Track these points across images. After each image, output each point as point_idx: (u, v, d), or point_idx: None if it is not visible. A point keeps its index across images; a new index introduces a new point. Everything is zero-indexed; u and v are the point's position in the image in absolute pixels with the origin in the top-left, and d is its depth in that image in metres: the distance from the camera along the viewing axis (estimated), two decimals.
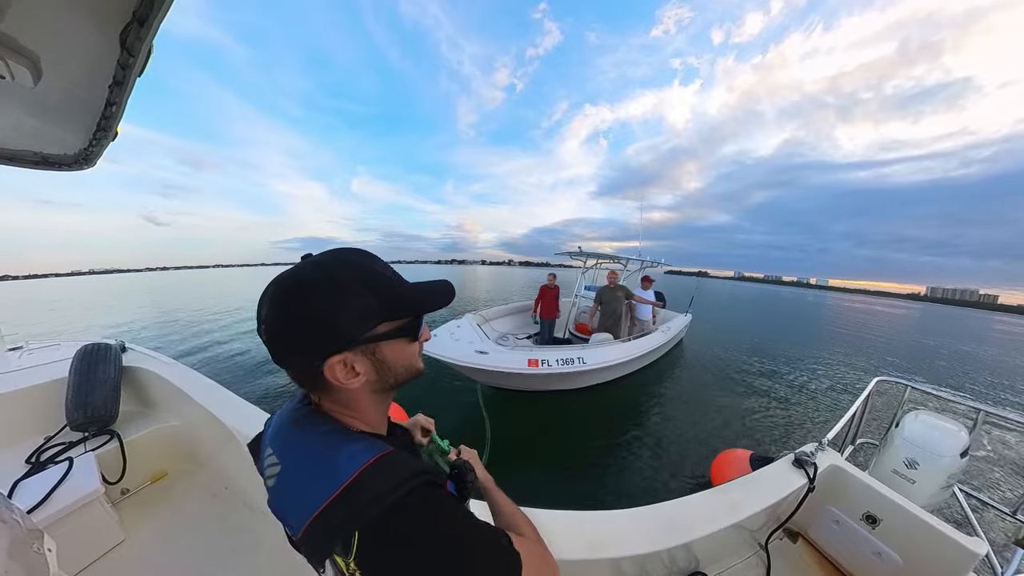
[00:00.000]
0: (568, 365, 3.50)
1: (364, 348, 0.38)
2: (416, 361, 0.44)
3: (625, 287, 4.78)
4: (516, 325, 6.34)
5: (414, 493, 0.33)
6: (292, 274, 0.37)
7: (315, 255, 0.39)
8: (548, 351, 3.62)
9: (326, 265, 0.37)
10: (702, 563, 1.14)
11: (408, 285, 0.42)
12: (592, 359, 3.70)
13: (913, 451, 1.50)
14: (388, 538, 0.30)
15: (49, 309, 16.15)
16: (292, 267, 0.38)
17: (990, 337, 17.46)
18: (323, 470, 0.35)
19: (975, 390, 6.99)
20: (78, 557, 1.14)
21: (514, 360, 3.37)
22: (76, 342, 1.99)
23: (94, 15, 0.45)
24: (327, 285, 0.36)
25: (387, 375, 0.41)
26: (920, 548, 1.08)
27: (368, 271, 0.39)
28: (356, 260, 0.39)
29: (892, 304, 71.47)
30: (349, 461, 0.34)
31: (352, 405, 0.41)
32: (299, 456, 0.38)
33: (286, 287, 0.36)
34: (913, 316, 30.05)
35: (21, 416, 1.57)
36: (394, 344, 0.41)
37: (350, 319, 0.36)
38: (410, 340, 0.43)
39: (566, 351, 3.66)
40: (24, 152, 0.92)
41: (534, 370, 3.33)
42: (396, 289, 0.40)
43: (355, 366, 0.38)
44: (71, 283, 66.89)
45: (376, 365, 0.39)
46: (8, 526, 0.65)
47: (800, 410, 4.66)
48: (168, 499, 1.48)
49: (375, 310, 0.37)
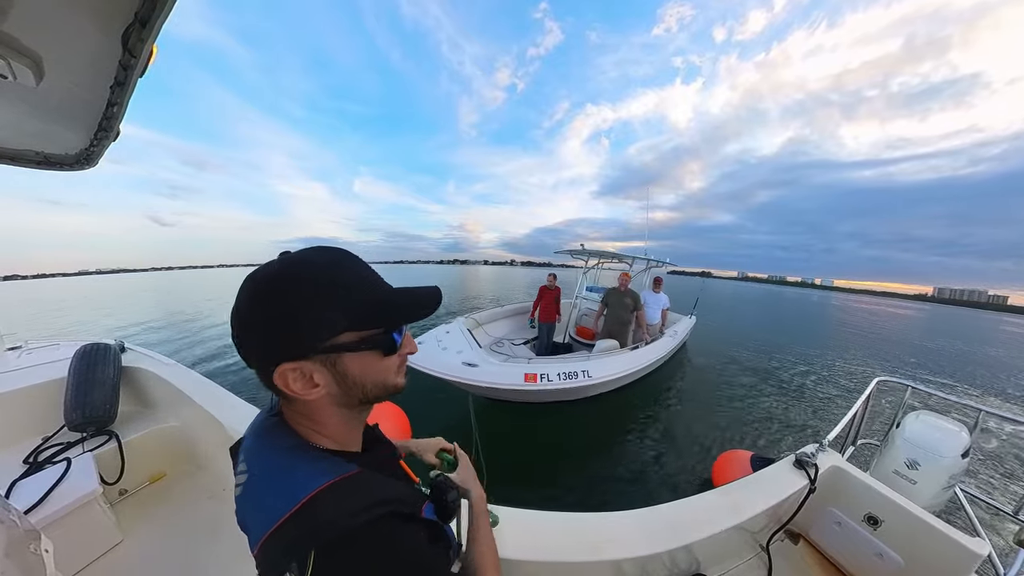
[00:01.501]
0: (571, 380, 3.06)
1: (323, 358, 0.34)
2: (391, 377, 0.40)
3: (635, 294, 4.24)
4: (513, 329, 5.86)
5: (371, 526, 0.31)
6: (258, 271, 0.34)
7: (292, 252, 0.36)
8: (548, 363, 3.21)
9: (293, 264, 0.34)
10: (703, 565, 1.14)
11: (385, 290, 0.38)
12: (598, 372, 3.26)
13: (914, 452, 1.49)
14: (337, 568, 0.29)
15: (57, 311, 15.70)
16: (265, 263, 0.35)
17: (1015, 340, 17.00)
18: (280, 488, 0.33)
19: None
20: (75, 558, 1.13)
21: (508, 374, 2.94)
22: (75, 342, 1.99)
23: (96, 16, 0.45)
24: (288, 285, 0.33)
25: (352, 390, 0.37)
26: (922, 549, 1.07)
27: (337, 273, 0.35)
28: (325, 260, 0.35)
29: (898, 305, 71.10)
30: (306, 480, 0.33)
31: (314, 418, 0.38)
32: (262, 469, 0.37)
33: (248, 284, 0.34)
34: (920, 317, 29.85)
35: (19, 416, 1.57)
36: (362, 357, 0.36)
37: (309, 325, 0.33)
38: (383, 353, 0.38)
39: (568, 363, 3.25)
40: (26, 152, 0.92)
41: (532, 386, 2.91)
42: (368, 295, 0.36)
43: (313, 376, 0.34)
44: (78, 282, 66.84)
45: (338, 378, 0.36)
46: (5, 526, 0.65)
47: (801, 411, 4.65)
48: (166, 500, 1.47)
49: (337, 317, 0.34)
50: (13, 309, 17.79)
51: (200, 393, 1.62)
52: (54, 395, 1.62)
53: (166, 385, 1.75)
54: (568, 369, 3.12)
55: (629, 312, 4.21)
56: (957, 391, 6.69)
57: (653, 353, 4.29)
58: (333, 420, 0.39)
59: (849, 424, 1.65)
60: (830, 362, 7.80)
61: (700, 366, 6.23)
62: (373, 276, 0.38)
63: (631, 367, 3.72)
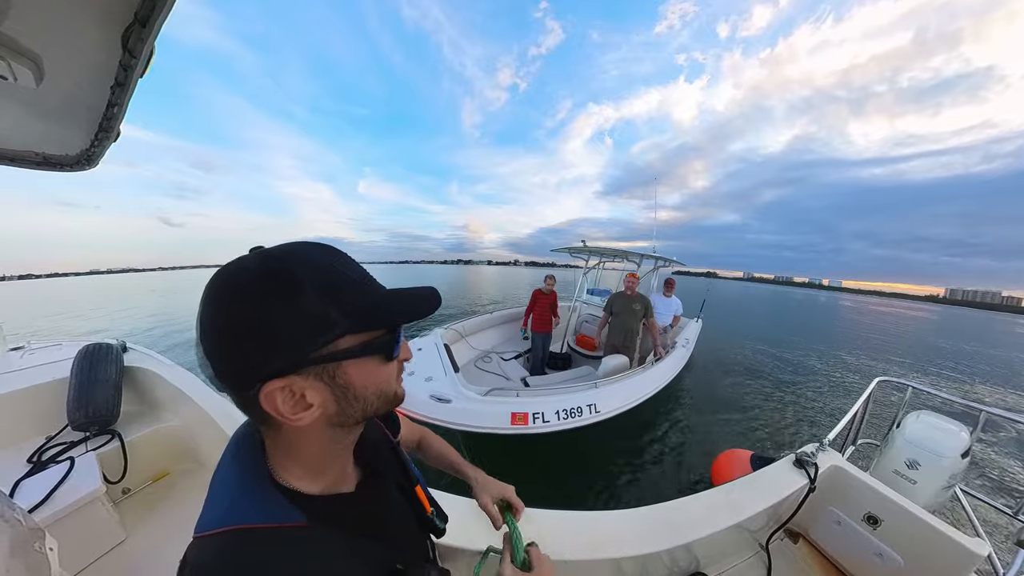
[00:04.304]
0: (574, 418, 2.44)
1: (318, 370, 0.29)
2: (392, 385, 0.35)
3: (646, 299, 3.55)
4: (504, 339, 5.09)
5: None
6: (229, 268, 0.28)
7: (267, 247, 0.31)
8: (543, 396, 2.57)
9: (273, 258, 0.28)
10: (703, 563, 1.14)
11: (381, 290, 0.34)
12: (607, 404, 2.64)
13: (914, 452, 1.49)
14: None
15: (79, 315, 15.20)
16: (235, 259, 0.29)
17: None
18: (212, 504, 0.31)
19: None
20: (79, 556, 1.14)
21: (489, 415, 2.31)
22: (77, 342, 2.00)
23: (96, 16, 0.45)
24: (268, 283, 0.27)
25: (353, 406, 0.32)
26: (921, 549, 1.07)
27: (331, 268, 0.30)
28: (314, 255, 0.30)
29: (909, 306, 69.94)
30: (226, 513, 0.30)
31: (292, 450, 0.33)
32: (217, 479, 0.34)
33: (218, 285, 0.28)
34: (932, 319, 29.40)
35: (23, 416, 1.58)
36: (363, 364, 0.32)
37: (298, 330, 0.27)
38: (384, 359, 0.33)
39: (570, 394, 2.61)
40: (26, 153, 0.92)
41: (521, 429, 2.30)
42: (366, 292, 0.32)
43: (306, 395, 0.29)
44: (89, 281, 66.71)
45: (337, 393, 0.31)
46: (10, 525, 0.66)
47: (802, 412, 4.65)
48: (169, 499, 1.48)
49: (335, 318, 0.29)
50: (35, 308, 17.75)
51: (201, 392, 1.63)
52: (57, 395, 1.63)
53: (167, 384, 1.76)
54: (569, 405, 2.48)
55: (639, 320, 3.54)
56: (957, 391, 6.68)
57: (669, 370, 3.69)
58: (314, 448, 0.34)
59: (849, 424, 1.65)
60: (835, 363, 7.79)
61: (702, 366, 6.18)
62: (365, 273, 0.34)
63: (646, 392, 3.10)
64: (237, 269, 0.28)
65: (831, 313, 23.36)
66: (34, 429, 1.57)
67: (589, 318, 4.97)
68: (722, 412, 4.32)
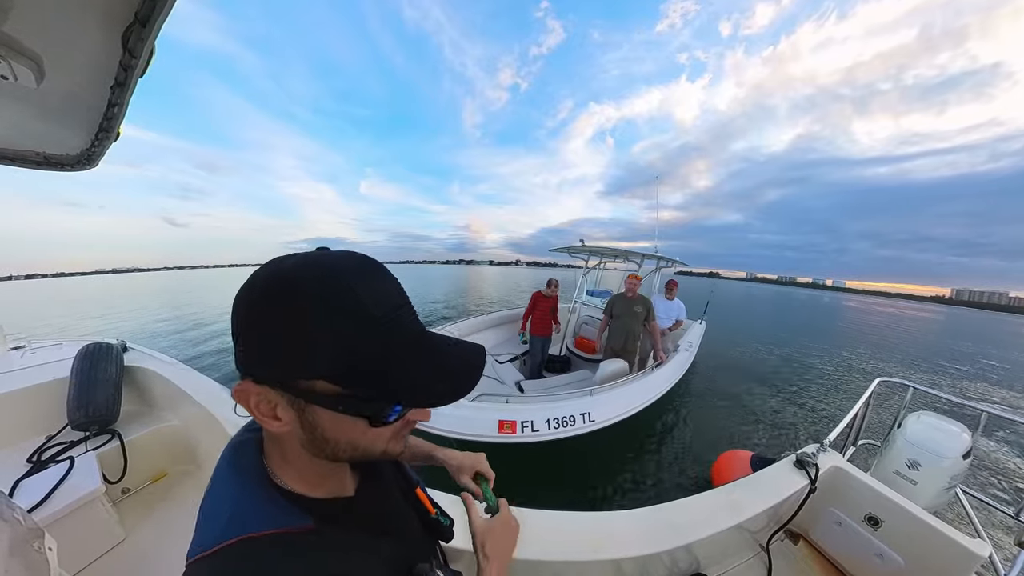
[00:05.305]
0: (566, 427, 2.30)
1: (290, 396, 0.28)
2: (375, 445, 0.31)
3: (647, 301, 3.42)
4: (500, 342, 4.90)
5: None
6: (269, 263, 0.28)
7: (325, 251, 0.30)
8: (534, 403, 2.47)
9: (303, 267, 0.27)
10: (703, 564, 1.14)
11: (403, 334, 0.29)
12: (603, 413, 2.50)
13: (915, 452, 1.49)
14: None
15: (96, 316, 14.48)
16: (285, 256, 0.29)
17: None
18: (215, 517, 0.30)
19: None
20: (79, 556, 1.14)
21: (475, 421, 2.22)
22: (77, 341, 2.00)
23: (96, 16, 0.45)
24: (269, 291, 0.27)
25: (321, 445, 0.29)
26: (922, 550, 1.07)
27: (348, 295, 0.27)
28: (343, 274, 0.27)
29: (915, 307, 69.10)
30: (239, 522, 0.28)
31: (283, 446, 0.32)
32: (215, 485, 0.32)
33: (253, 277, 0.28)
34: (938, 319, 29.06)
35: (23, 415, 1.58)
36: (338, 416, 0.28)
37: (274, 351, 0.26)
38: (368, 423, 0.29)
39: (562, 401, 2.50)
40: (27, 152, 0.92)
41: (509, 438, 2.18)
42: (371, 340, 0.27)
43: (277, 410, 0.28)
44: (95, 280, 66.30)
45: (306, 427, 0.29)
46: (9, 525, 0.65)
47: (802, 412, 4.65)
48: (168, 499, 1.48)
49: (319, 356, 0.26)
50: (44, 308, 17.68)
51: (201, 392, 1.63)
52: (57, 394, 1.63)
53: (167, 384, 1.76)
54: (561, 414, 2.32)
55: (640, 323, 3.42)
56: (958, 391, 6.67)
57: (670, 376, 3.49)
58: (303, 461, 0.32)
59: (850, 424, 1.65)
60: (837, 364, 7.78)
61: (704, 367, 6.16)
62: (398, 306, 0.29)
63: (644, 400, 2.95)
64: (270, 267, 0.28)
65: (835, 314, 23.34)
66: (34, 429, 1.57)
67: (589, 320, 4.85)
68: (723, 412, 4.31)
